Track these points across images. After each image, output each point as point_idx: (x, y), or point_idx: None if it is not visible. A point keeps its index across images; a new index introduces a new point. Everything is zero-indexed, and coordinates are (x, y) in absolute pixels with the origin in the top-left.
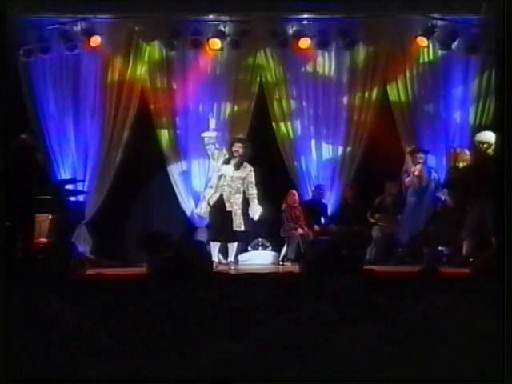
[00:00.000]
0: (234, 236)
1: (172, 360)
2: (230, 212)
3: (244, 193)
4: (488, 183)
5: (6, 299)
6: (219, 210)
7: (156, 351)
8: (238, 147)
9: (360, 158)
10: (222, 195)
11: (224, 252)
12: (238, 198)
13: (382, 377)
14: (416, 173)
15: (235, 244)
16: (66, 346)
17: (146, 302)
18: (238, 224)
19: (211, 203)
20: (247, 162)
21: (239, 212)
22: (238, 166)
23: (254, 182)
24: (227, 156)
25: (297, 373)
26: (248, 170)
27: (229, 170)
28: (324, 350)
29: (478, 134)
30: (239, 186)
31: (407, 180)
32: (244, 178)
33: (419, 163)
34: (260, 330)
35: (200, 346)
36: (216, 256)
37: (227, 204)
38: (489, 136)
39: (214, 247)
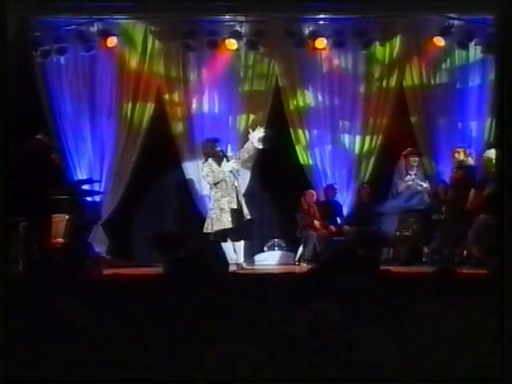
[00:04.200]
0: (246, 231)
1: (184, 361)
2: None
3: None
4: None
5: (5, 300)
6: (239, 211)
7: (169, 351)
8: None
9: (376, 158)
10: (237, 195)
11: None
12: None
13: (382, 377)
14: (407, 183)
15: (242, 242)
16: (65, 346)
17: (162, 302)
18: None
19: (232, 207)
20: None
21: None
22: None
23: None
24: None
25: (312, 375)
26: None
27: (227, 167)
28: (338, 351)
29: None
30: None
31: (399, 183)
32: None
33: (413, 167)
34: (275, 330)
35: (211, 346)
36: (230, 256)
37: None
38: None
39: (229, 247)
